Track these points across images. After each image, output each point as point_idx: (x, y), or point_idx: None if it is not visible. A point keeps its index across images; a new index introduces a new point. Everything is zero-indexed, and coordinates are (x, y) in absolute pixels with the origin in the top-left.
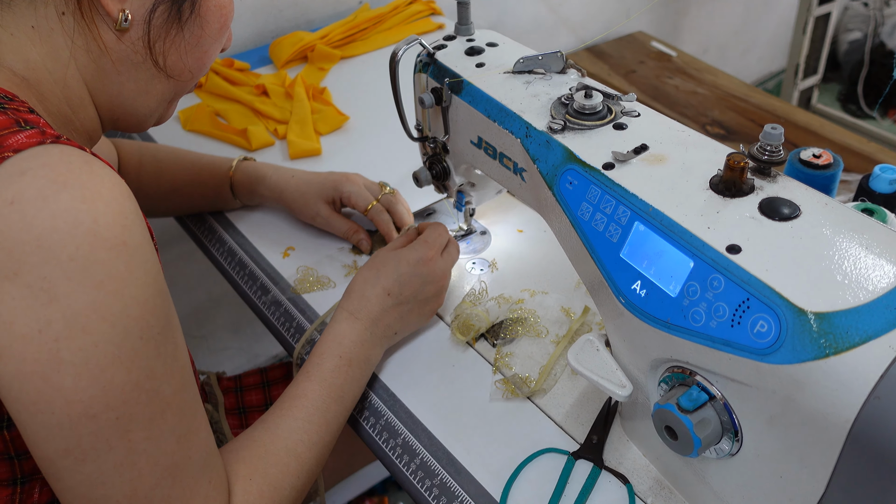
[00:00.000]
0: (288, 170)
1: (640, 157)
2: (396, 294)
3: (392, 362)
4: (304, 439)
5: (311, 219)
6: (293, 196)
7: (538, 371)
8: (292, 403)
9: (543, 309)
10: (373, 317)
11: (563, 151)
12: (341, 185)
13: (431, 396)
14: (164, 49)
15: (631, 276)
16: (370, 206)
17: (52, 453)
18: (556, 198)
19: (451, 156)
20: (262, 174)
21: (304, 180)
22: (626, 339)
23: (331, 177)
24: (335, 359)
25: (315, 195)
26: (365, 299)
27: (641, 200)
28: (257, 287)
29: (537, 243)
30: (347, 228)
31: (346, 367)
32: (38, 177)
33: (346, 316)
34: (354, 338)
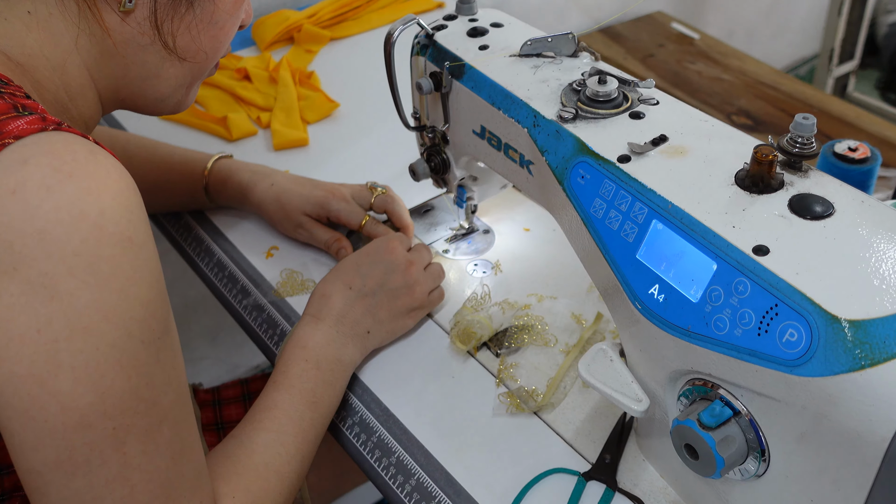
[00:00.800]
0: (268, 174)
1: (658, 149)
2: (359, 286)
3: (384, 373)
4: (280, 452)
5: (292, 232)
6: (273, 208)
7: (546, 384)
8: (263, 416)
9: (552, 315)
10: (336, 314)
11: (574, 142)
12: (328, 203)
13: (428, 411)
14: (174, 29)
15: (648, 280)
16: (364, 221)
17: (40, 465)
18: (567, 193)
19: (452, 147)
20: (239, 179)
21: (284, 190)
22: (642, 349)
23: (315, 193)
24: (300, 363)
25: (296, 209)
26: (325, 297)
27: (660, 196)
28: (237, 290)
29: (545, 243)
30: (329, 238)
31: (314, 370)
32: (42, 165)
33: (308, 319)
34: (319, 339)
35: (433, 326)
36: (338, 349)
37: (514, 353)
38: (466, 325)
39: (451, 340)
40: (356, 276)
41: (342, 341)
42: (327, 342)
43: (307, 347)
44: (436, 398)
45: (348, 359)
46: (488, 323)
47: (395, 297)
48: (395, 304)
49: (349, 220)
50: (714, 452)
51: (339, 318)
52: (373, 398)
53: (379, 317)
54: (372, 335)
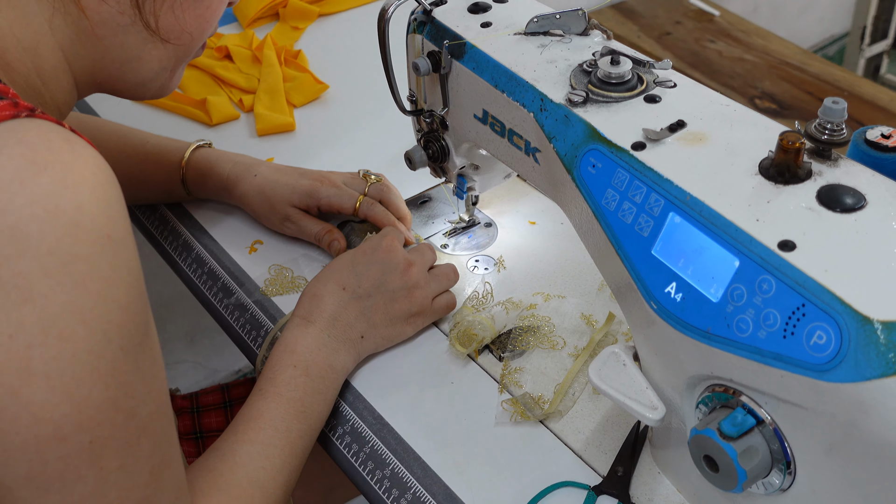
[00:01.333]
0: (251, 165)
1: (676, 135)
2: (353, 287)
3: (378, 378)
4: (265, 466)
5: (279, 226)
6: (257, 201)
7: (553, 390)
8: (247, 426)
9: (560, 316)
10: (327, 316)
11: (584, 128)
12: (317, 191)
13: (426, 419)
14: (156, 8)
15: (664, 278)
16: (358, 202)
17: (10, 480)
18: (576, 183)
19: (451, 133)
20: (220, 172)
21: (269, 181)
22: (658, 353)
23: (301, 181)
24: (289, 369)
25: (283, 200)
26: (317, 299)
27: (677, 187)
28: (218, 288)
29: (553, 238)
30: (319, 230)
31: (303, 376)
32: (14, 156)
33: (298, 322)
34: (309, 343)
35: (430, 328)
36: (329, 355)
37: (518, 356)
38: (467, 327)
39: (450, 343)
40: (350, 275)
41: (334, 346)
42: (318, 347)
43: (296, 352)
44: (434, 405)
45: (340, 365)
46: (490, 324)
47: (392, 299)
48: (392, 308)
49: (342, 205)
50: (735, 464)
51: (330, 321)
52: (365, 405)
53: (374, 321)
54: (366, 340)
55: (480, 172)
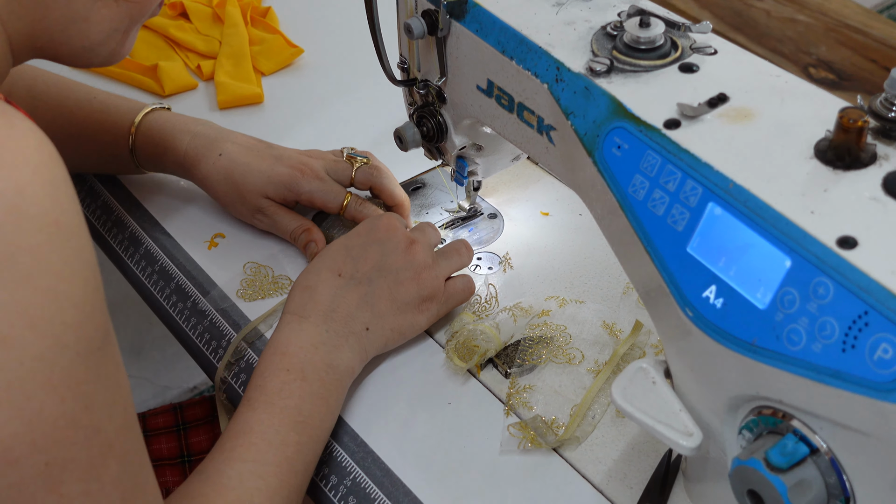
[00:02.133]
0: (215, 140)
1: (716, 111)
2: (350, 271)
3: (362, 398)
4: (260, 487)
5: (248, 218)
6: (223, 188)
7: (569, 412)
8: (235, 443)
9: (577, 324)
10: (323, 308)
11: (608, 102)
12: (297, 183)
13: (417, 447)
14: None
15: (702, 280)
16: (345, 201)
17: None
18: (598, 167)
19: (449, 107)
20: (177, 146)
21: (238, 164)
22: (694, 369)
23: (278, 169)
24: (281, 374)
25: (255, 190)
26: (309, 290)
27: (718, 173)
28: (171, 290)
29: (569, 231)
30: (296, 227)
31: (299, 381)
32: None
33: (288, 319)
34: (303, 341)
35: (423, 337)
36: (329, 353)
37: (528, 372)
38: (467, 337)
39: (446, 356)
40: (346, 259)
41: (334, 342)
42: (314, 345)
43: (288, 353)
44: (427, 430)
45: (343, 364)
46: (495, 334)
47: (397, 282)
48: (398, 292)
49: (326, 203)
50: (785, 501)
51: (327, 312)
52: (346, 430)
53: (379, 309)
54: (372, 333)
55: (484, 154)
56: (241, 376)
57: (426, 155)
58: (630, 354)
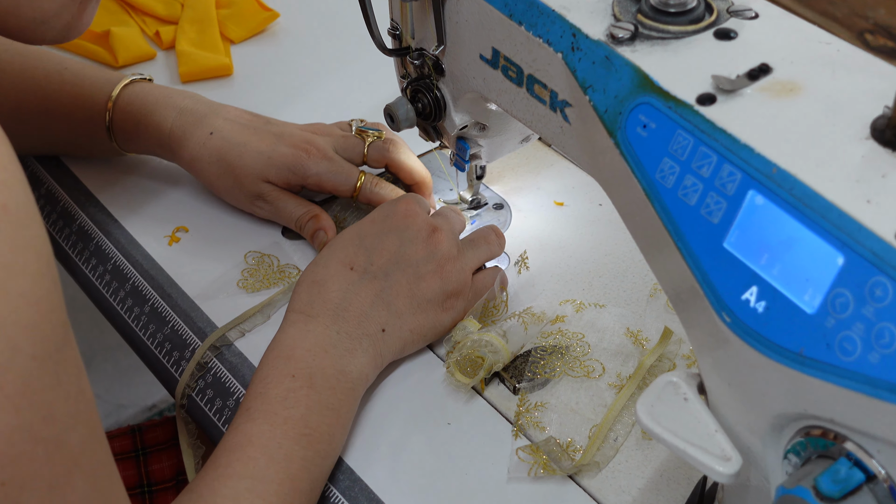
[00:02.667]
0: (204, 115)
1: (758, 84)
2: (363, 264)
3: (355, 420)
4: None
5: (247, 205)
6: (215, 170)
7: (588, 434)
8: (231, 457)
9: (597, 332)
10: (333, 306)
11: (632, 74)
12: (302, 165)
13: (413, 474)
14: None
15: (741, 280)
16: (359, 182)
17: None
18: (621, 150)
19: (448, 80)
20: (159, 121)
21: (233, 144)
22: (732, 383)
23: (280, 149)
24: (285, 380)
25: (254, 175)
26: (318, 286)
27: (759, 156)
28: (126, 292)
29: (587, 224)
30: (302, 214)
31: (305, 388)
32: None
33: (294, 318)
34: (311, 344)
35: (423, 352)
36: (340, 357)
37: (540, 387)
38: (471, 349)
39: (447, 371)
40: (359, 251)
41: (346, 345)
42: (323, 348)
43: (294, 357)
44: (424, 455)
45: (356, 370)
46: (502, 344)
47: (417, 277)
48: (418, 289)
49: (337, 186)
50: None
51: (338, 311)
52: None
53: (396, 307)
54: (388, 335)
55: (488, 134)
56: (206, 392)
57: (421, 136)
58: (658, 367)
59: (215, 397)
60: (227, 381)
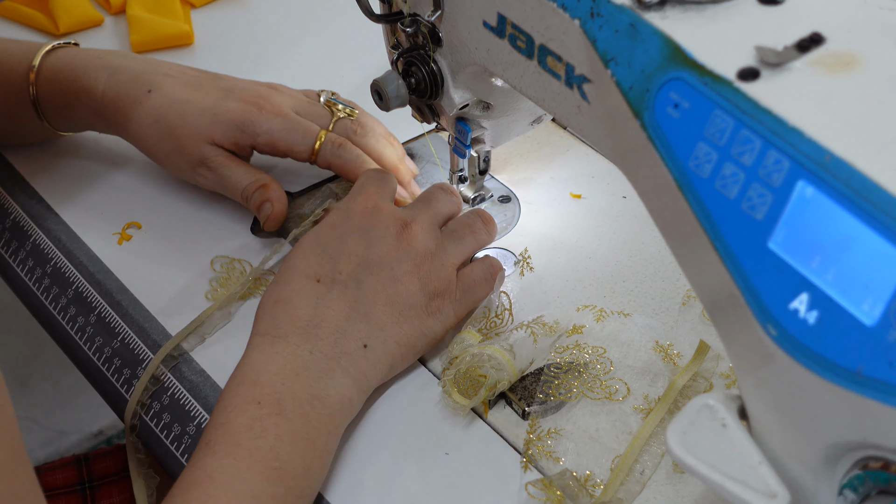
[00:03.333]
0: (141, 73)
1: (808, 57)
2: (330, 274)
3: (337, 451)
4: None
5: (189, 174)
6: (153, 134)
7: (609, 466)
8: (187, 497)
9: (621, 346)
10: (303, 325)
11: (661, 46)
12: (251, 120)
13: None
14: None
15: (789, 286)
16: (317, 142)
17: None
18: (649, 134)
19: (447, 51)
20: (90, 84)
21: (175, 102)
22: (779, 406)
23: (227, 104)
24: (250, 408)
25: (196, 135)
26: (281, 305)
27: (810, 141)
28: (69, 299)
29: (608, 220)
30: (248, 184)
31: (274, 415)
32: None
33: (258, 341)
34: (278, 367)
35: (412, 366)
36: (315, 380)
37: (553, 411)
38: (470, 364)
39: (443, 391)
40: (321, 259)
41: (322, 366)
42: (294, 370)
43: (259, 382)
44: (416, 491)
45: (336, 395)
46: (508, 359)
47: (392, 280)
48: (396, 293)
49: (291, 146)
50: None
51: (308, 329)
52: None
53: (376, 318)
54: (372, 351)
55: (493, 115)
56: (162, 416)
57: (415, 116)
58: (692, 387)
59: (172, 422)
60: (186, 402)
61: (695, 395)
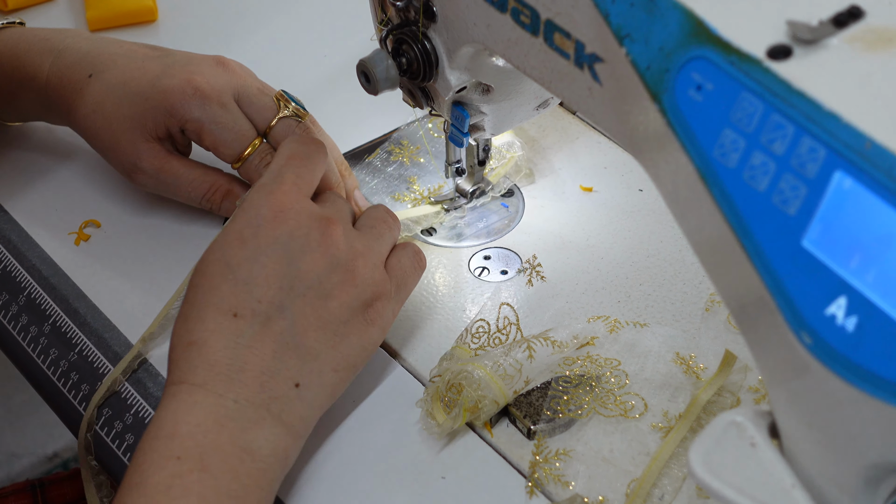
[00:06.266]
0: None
1: (846, 33)
2: (249, 306)
3: (307, 475)
4: None
5: (127, 174)
6: (92, 127)
7: (625, 490)
8: None
9: (637, 358)
10: (223, 369)
11: (682, 20)
12: (183, 105)
13: None
14: None
15: (826, 289)
16: (247, 151)
17: None
18: (669, 119)
19: (441, 28)
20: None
21: (113, 87)
22: (813, 423)
23: (160, 83)
24: (168, 464)
25: (129, 128)
26: (195, 347)
27: (848, 127)
28: (20, 307)
29: (623, 216)
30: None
31: (196, 472)
32: None
33: (174, 390)
34: (199, 418)
35: (405, 378)
36: (242, 432)
37: (562, 430)
38: (461, 380)
39: (424, 410)
40: (236, 289)
41: (249, 416)
42: (217, 421)
43: (177, 435)
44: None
45: (267, 447)
46: (491, 377)
47: (323, 297)
48: (328, 312)
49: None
50: None
51: (230, 375)
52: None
53: (308, 348)
54: (307, 389)
55: (494, 99)
56: (125, 437)
57: (406, 101)
58: (717, 403)
59: (136, 443)
60: (149, 420)
61: (720, 412)
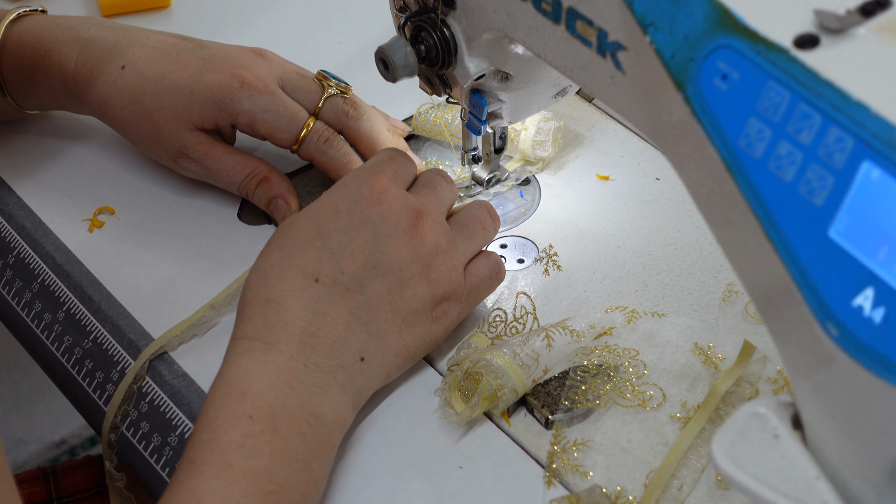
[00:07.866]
0: (115, 44)
1: (873, 22)
2: (331, 274)
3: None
4: None
5: (173, 165)
6: (128, 117)
7: (643, 481)
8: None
9: (655, 348)
10: (299, 332)
11: (708, 9)
12: (231, 98)
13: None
14: None
15: (853, 280)
16: (304, 130)
17: None
18: (693, 108)
19: (461, 15)
20: (61, 59)
21: (149, 80)
22: (838, 415)
23: (205, 77)
24: (241, 423)
25: (173, 118)
26: (274, 305)
27: (877, 117)
28: (34, 294)
29: (642, 205)
30: (246, 174)
31: (269, 433)
32: None
33: (247, 346)
34: (271, 378)
35: (422, 367)
36: (310, 396)
37: (580, 420)
38: (479, 368)
39: (443, 399)
40: (323, 256)
41: (318, 381)
42: (288, 383)
43: (250, 394)
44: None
45: (332, 413)
46: (510, 365)
47: (400, 284)
48: (402, 299)
49: (274, 132)
50: None
51: (305, 339)
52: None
53: (377, 326)
54: (369, 364)
55: (513, 86)
56: (140, 425)
57: (423, 88)
58: (735, 393)
59: (152, 432)
60: (167, 410)
61: (738, 402)
